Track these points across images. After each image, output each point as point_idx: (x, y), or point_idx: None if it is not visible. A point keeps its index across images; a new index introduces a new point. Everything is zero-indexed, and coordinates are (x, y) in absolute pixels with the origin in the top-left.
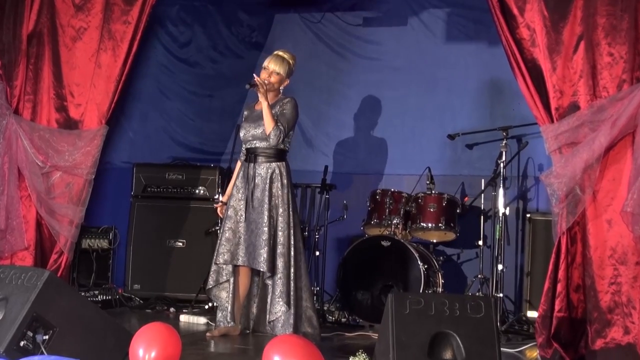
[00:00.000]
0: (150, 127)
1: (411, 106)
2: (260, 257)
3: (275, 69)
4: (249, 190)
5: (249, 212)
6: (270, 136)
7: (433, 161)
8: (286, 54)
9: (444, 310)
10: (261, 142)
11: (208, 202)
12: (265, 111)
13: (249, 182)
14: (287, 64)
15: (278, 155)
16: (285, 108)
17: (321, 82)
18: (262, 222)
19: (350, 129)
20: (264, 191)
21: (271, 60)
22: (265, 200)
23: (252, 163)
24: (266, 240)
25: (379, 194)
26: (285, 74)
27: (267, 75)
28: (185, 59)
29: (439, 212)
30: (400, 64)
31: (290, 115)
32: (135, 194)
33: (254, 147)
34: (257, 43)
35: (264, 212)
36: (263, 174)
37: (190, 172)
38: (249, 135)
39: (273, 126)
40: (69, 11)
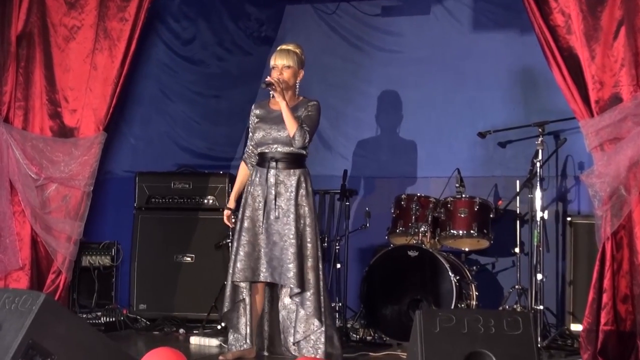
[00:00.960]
0: (152, 133)
1: (437, 102)
2: (288, 272)
3: (283, 63)
4: (269, 200)
5: (269, 223)
6: (295, 139)
7: (462, 162)
8: (289, 44)
9: (477, 328)
10: (284, 147)
11: (218, 212)
12: (285, 112)
13: (268, 190)
14: (295, 54)
15: (300, 161)
16: (311, 110)
17: (337, 78)
18: (288, 233)
19: (370, 129)
20: (290, 200)
21: (276, 56)
22: (291, 210)
23: (271, 169)
24: (295, 254)
25: (404, 200)
26: (296, 65)
27: (278, 74)
28: (189, 57)
29: (470, 218)
30: (424, 56)
31: (316, 119)
32: (138, 206)
33: (275, 152)
34: (266, 38)
35: (291, 222)
36: (287, 181)
37: (197, 180)
38: (270, 139)
39: (297, 127)
40: (60, 9)
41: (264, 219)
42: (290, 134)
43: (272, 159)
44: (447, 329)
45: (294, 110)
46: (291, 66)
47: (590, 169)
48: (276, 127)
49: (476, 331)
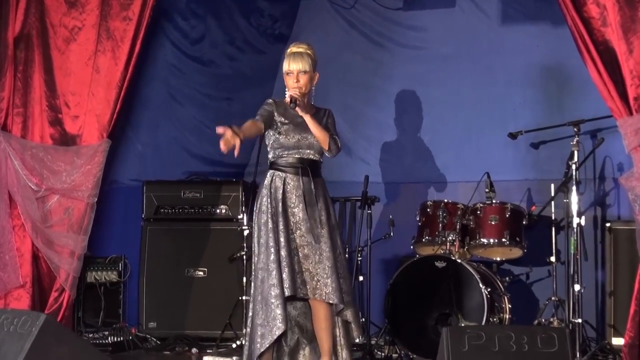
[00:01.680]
0: (161, 139)
1: (464, 101)
2: (327, 287)
3: (299, 68)
4: (308, 210)
5: (299, 234)
6: (331, 149)
7: (492, 165)
8: (299, 46)
9: (509, 346)
10: (316, 154)
11: (231, 223)
12: (313, 125)
13: (304, 198)
14: (309, 57)
15: (320, 169)
16: (330, 118)
17: (357, 77)
18: (324, 246)
19: (393, 131)
20: (322, 210)
21: (289, 61)
22: (324, 221)
23: (305, 177)
24: (332, 267)
25: (430, 206)
26: (310, 67)
27: (294, 80)
28: (198, 58)
29: (501, 225)
30: (449, 52)
31: (335, 126)
32: (146, 217)
33: (308, 158)
34: (280, 35)
35: (326, 234)
36: (319, 191)
37: (209, 189)
38: (305, 144)
39: (329, 137)
40: (60, 8)
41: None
42: (325, 145)
43: (306, 166)
44: (477, 347)
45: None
46: (307, 71)
47: (630, 171)
48: (309, 132)
49: (508, 349)
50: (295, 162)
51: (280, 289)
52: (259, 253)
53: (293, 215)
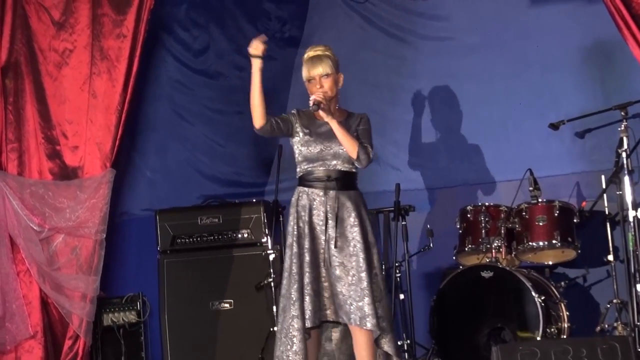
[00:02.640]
0: (171, 162)
1: (498, 93)
2: (360, 311)
3: (320, 72)
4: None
5: (332, 253)
6: (359, 158)
7: (535, 160)
8: (317, 49)
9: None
10: (344, 164)
11: (255, 247)
12: (340, 131)
13: (332, 214)
14: (327, 58)
15: (354, 181)
16: (363, 125)
17: (379, 77)
18: (358, 267)
19: (423, 133)
20: (354, 227)
21: (309, 66)
22: (358, 239)
23: (333, 190)
24: (366, 290)
25: (470, 211)
26: (332, 69)
27: (318, 86)
28: (204, 70)
29: (551, 225)
30: (478, 40)
31: (370, 134)
32: (162, 249)
33: (334, 170)
34: (291, 38)
35: (359, 253)
36: (348, 204)
37: (228, 213)
38: (329, 154)
39: (358, 146)
40: (48, 31)
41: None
42: (353, 154)
43: (332, 178)
44: None
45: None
46: (330, 73)
47: None
48: (336, 140)
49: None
50: (321, 176)
51: (301, 321)
52: (283, 278)
53: (323, 233)
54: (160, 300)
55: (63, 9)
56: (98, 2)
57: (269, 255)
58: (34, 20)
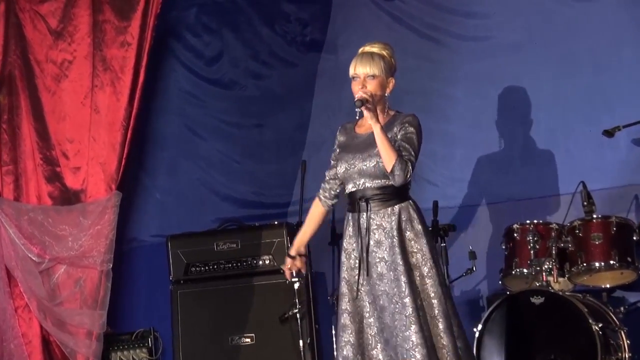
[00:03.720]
0: (183, 182)
1: (545, 97)
2: (407, 342)
3: (366, 71)
4: (364, 252)
5: (372, 283)
6: (394, 173)
7: (588, 171)
8: (373, 46)
9: None
10: (373, 180)
11: (278, 275)
12: (380, 138)
13: (362, 240)
14: (381, 58)
15: (400, 193)
16: (407, 129)
17: (411, 83)
18: (400, 292)
19: (462, 143)
20: (393, 248)
21: (357, 63)
22: (398, 262)
23: (362, 213)
24: (414, 317)
25: (517, 230)
26: (383, 72)
27: (360, 86)
28: (218, 80)
29: (607, 244)
30: (520, 39)
31: (417, 139)
32: (175, 279)
33: (364, 188)
34: (312, 42)
35: (401, 278)
36: (386, 224)
37: (247, 237)
38: (354, 172)
39: (396, 159)
40: (45, 41)
41: (362, 279)
42: (388, 167)
43: (361, 199)
44: None
45: (387, 130)
46: (377, 75)
47: None
48: (360, 155)
49: None
50: (352, 197)
51: None
52: None
53: (363, 262)
54: (174, 335)
55: (61, 16)
56: (99, 7)
57: (293, 283)
58: (28, 29)
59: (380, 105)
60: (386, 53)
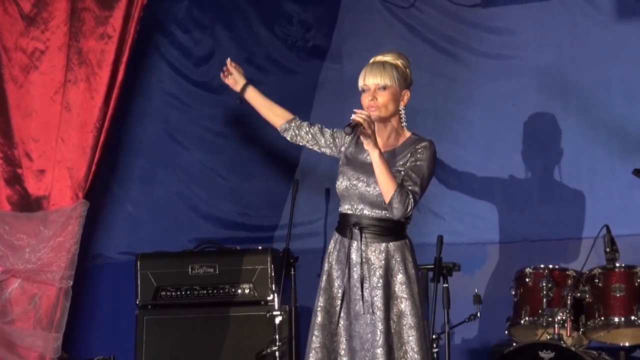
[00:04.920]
0: (158, 194)
1: (571, 127)
2: None
3: (377, 82)
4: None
5: (350, 319)
6: (392, 205)
7: (613, 214)
8: (386, 55)
9: None
10: (372, 210)
11: (258, 306)
12: (378, 165)
13: (350, 271)
14: (394, 69)
15: (397, 229)
16: (417, 156)
17: (423, 101)
18: (373, 340)
19: (475, 173)
20: (375, 289)
21: (368, 72)
22: (378, 305)
23: (354, 240)
24: None
25: (530, 274)
26: (396, 82)
27: (370, 99)
28: (206, 83)
29: (630, 297)
30: (546, 61)
31: (428, 171)
32: (142, 303)
33: (361, 215)
34: (316, 48)
35: (377, 324)
36: (374, 260)
37: (226, 262)
38: (355, 194)
39: (395, 189)
40: (15, 26)
41: (342, 312)
42: (386, 198)
43: (355, 225)
44: None
45: (394, 154)
46: (389, 86)
47: None
48: (365, 177)
49: None
50: (346, 220)
51: None
52: None
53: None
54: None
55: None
56: None
57: (274, 317)
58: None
59: (393, 123)
60: (400, 63)
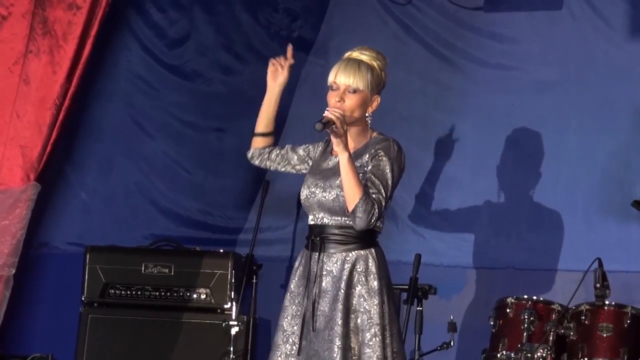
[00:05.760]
0: (116, 184)
1: (570, 150)
2: None
3: (348, 82)
4: (308, 301)
5: (310, 338)
6: (355, 214)
7: (607, 248)
8: (363, 52)
9: None
10: (332, 217)
11: (214, 314)
12: (345, 169)
13: (311, 285)
14: (369, 70)
15: (364, 237)
16: (379, 158)
17: (412, 108)
18: (332, 355)
19: (462, 191)
20: (335, 303)
21: (341, 70)
22: (337, 320)
23: (316, 252)
24: None
25: (511, 305)
26: (369, 87)
27: (337, 99)
28: (178, 67)
29: (617, 338)
30: (552, 76)
31: (392, 172)
32: (88, 300)
33: (321, 224)
34: (300, 39)
35: (335, 341)
36: (336, 272)
37: (183, 263)
38: (313, 203)
39: (360, 197)
40: None
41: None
42: (349, 205)
43: (316, 236)
44: None
45: (358, 156)
46: (360, 90)
47: None
48: (322, 183)
49: None
50: (311, 231)
51: None
52: None
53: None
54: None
55: None
56: None
57: (230, 327)
58: None
59: (357, 127)
60: (377, 65)
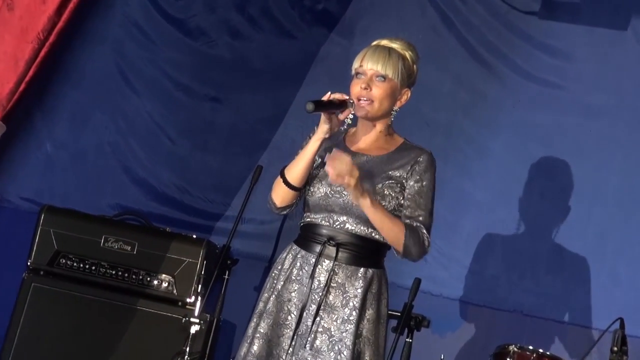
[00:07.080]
0: (88, 139)
1: (608, 190)
2: None
3: (379, 69)
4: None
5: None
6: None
7: (632, 308)
8: (394, 42)
9: None
10: (357, 225)
11: (175, 307)
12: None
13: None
14: (399, 58)
15: (377, 255)
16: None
17: (438, 112)
18: None
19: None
20: (346, 323)
21: (369, 55)
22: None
23: (324, 259)
24: None
25: (513, 354)
26: (399, 76)
27: (364, 86)
28: (181, 21)
29: None
30: (602, 102)
31: (433, 192)
32: (34, 266)
33: (339, 229)
34: (325, 13)
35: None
36: (349, 288)
37: (148, 243)
38: (337, 204)
39: (405, 233)
40: None
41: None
42: (397, 247)
43: (330, 241)
44: None
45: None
46: (390, 78)
47: None
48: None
49: None
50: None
51: None
52: None
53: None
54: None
55: None
56: None
57: (190, 324)
58: None
59: (383, 122)
60: (408, 55)
